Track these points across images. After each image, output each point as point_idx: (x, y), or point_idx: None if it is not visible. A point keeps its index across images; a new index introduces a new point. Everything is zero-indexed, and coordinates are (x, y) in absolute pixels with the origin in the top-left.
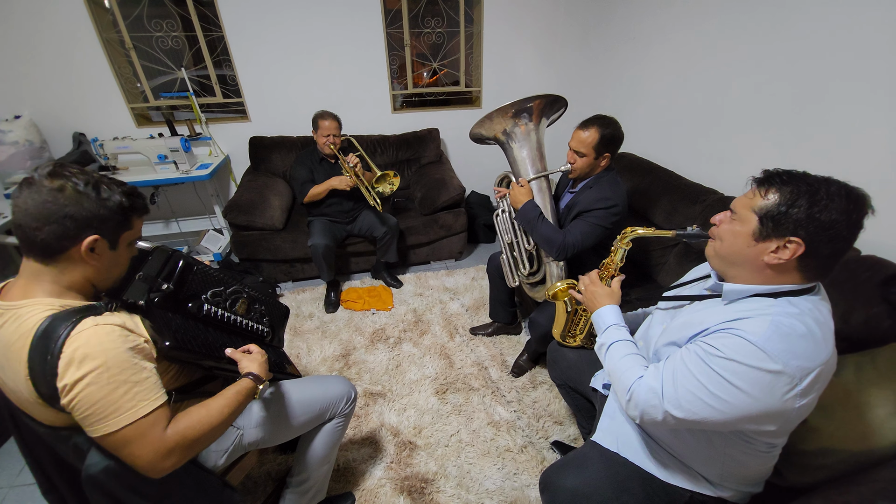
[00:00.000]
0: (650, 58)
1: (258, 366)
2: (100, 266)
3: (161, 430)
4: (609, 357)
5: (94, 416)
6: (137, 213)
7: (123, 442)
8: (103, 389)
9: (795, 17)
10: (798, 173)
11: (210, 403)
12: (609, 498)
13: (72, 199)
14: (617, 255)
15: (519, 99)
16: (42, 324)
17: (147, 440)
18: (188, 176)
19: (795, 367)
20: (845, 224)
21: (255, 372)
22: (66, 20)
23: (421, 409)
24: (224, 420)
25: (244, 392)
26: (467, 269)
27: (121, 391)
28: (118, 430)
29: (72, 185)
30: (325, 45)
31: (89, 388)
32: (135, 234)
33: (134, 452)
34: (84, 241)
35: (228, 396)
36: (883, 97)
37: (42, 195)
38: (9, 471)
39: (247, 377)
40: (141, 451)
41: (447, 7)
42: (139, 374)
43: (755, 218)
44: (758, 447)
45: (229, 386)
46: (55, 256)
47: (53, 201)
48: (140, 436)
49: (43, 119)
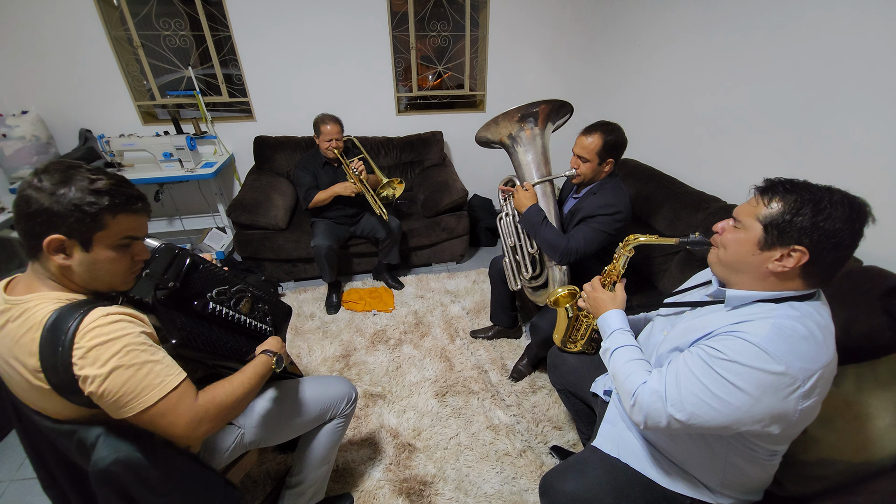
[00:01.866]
0: (655, 65)
1: (268, 344)
2: (75, 267)
3: (192, 399)
4: (613, 361)
5: (125, 396)
6: (112, 211)
7: (160, 414)
8: (128, 371)
9: (800, 24)
10: (800, 182)
11: (232, 378)
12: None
13: (32, 196)
14: (619, 262)
15: (526, 103)
16: (50, 317)
17: (182, 409)
18: (193, 174)
19: (798, 369)
20: (848, 233)
21: (267, 348)
22: (74, 17)
23: (420, 411)
24: (247, 392)
25: (260, 365)
26: (469, 272)
27: (145, 370)
28: (153, 404)
29: (35, 182)
30: (332, 47)
31: (115, 373)
32: (117, 235)
33: (172, 422)
34: (45, 240)
35: (247, 371)
36: (888, 106)
37: (21, 192)
38: (9, 465)
39: (262, 354)
40: (178, 420)
41: (453, 11)
42: (156, 354)
43: (759, 226)
44: (759, 454)
45: (247, 363)
46: (35, 254)
47: (23, 199)
48: (174, 406)
49: (50, 115)
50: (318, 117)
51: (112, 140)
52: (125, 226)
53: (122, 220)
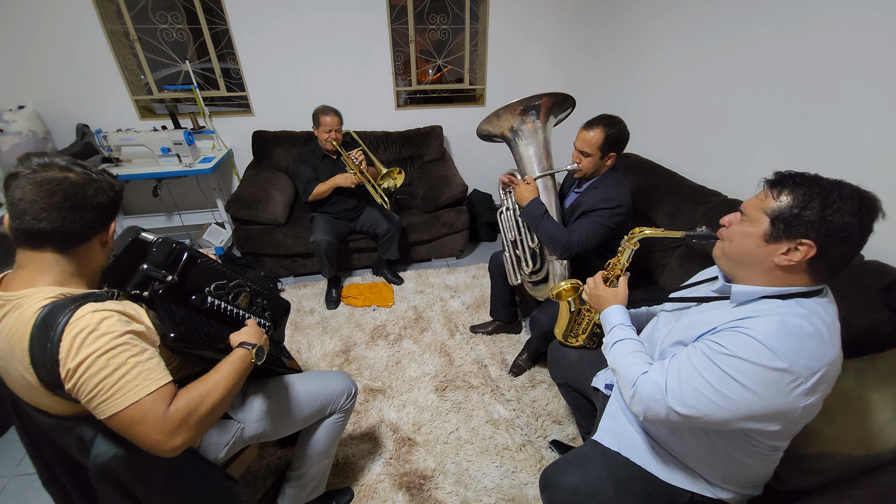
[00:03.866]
0: (656, 58)
1: (246, 335)
2: (104, 253)
3: (163, 408)
4: (614, 354)
5: (97, 398)
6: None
7: (129, 422)
8: (103, 371)
9: (803, 19)
10: (810, 176)
11: (206, 379)
12: (610, 497)
13: (101, 189)
14: (624, 256)
15: (528, 96)
16: (41, 311)
17: (151, 419)
18: (191, 169)
19: (802, 366)
20: (857, 227)
21: (244, 340)
22: (71, 11)
23: (420, 405)
24: (225, 393)
25: (237, 361)
26: (468, 268)
27: (121, 372)
28: (121, 410)
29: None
30: (330, 41)
31: (90, 371)
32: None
33: (140, 432)
34: (110, 228)
35: (223, 369)
36: (888, 100)
37: (65, 186)
38: (9, 460)
39: (238, 347)
40: (147, 431)
41: (452, 4)
42: (140, 355)
43: (767, 219)
44: (760, 449)
45: (223, 359)
46: (78, 245)
47: (81, 192)
48: (143, 415)
49: (47, 110)
50: (318, 108)
51: (109, 135)
52: None
53: None
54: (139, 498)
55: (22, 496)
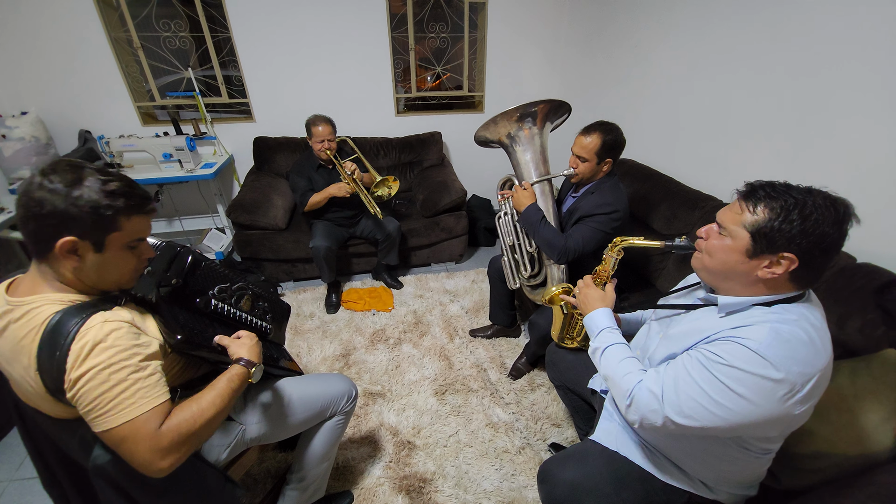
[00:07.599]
0: (652, 64)
1: (247, 350)
2: (85, 268)
3: (155, 427)
4: (605, 361)
5: (93, 411)
6: (127, 213)
7: (119, 439)
8: (103, 386)
9: (798, 24)
10: (781, 186)
11: (201, 396)
12: (608, 493)
13: (45, 198)
14: (609, 263)
15: (524, 103)
16: (52, 319)
17: (141, 438)
18: (192, 175)
19: (797, 374)
20: (836, 235)
21: (245, 357)
22: (74, 18)
23: (420, 409)
24: (219, 411)
25: (236, 379)
26: (467, 272)
27: (119, 388)
28: (114, 427)
29: (46, 183)
30: (331, 48)
31: (90, 384)
32: (129, 236)
33: (130, 450)
34: (58, 242)
35: (220, 386)
36: (881, 105)
37: (29, 193)
38: (9, 464)
39: (237, 363)
40: (136, 449)
41: (452, 12)
42: (141, 371)
43: (747, 235)
44: (753, 451)
45: (220, 375)
46: (44, 255)
47: (34, 200)
48: (134, 433)
49: (49, 116)
50: (310, 119)
51: (112, 141)
52: (138, 227)
53: (135, 221)
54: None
55: (21, 500)
